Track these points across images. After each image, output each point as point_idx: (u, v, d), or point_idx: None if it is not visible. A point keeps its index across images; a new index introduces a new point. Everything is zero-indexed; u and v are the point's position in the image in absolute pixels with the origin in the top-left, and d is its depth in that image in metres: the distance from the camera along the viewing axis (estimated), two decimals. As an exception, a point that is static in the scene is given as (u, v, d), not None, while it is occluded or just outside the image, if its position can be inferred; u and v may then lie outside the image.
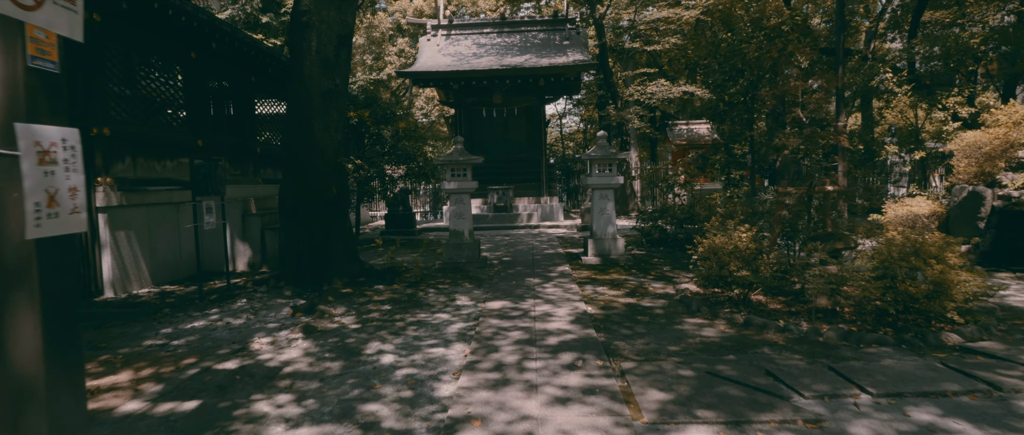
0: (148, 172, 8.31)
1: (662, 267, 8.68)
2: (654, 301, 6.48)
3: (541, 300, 6.52)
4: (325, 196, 7.17)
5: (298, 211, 7.26)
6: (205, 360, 4.77)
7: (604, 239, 9.16)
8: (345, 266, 7.64)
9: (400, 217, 15.05)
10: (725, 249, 5.95)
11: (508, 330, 5.30)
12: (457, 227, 9.23)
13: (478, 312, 6.08)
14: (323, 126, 6.79)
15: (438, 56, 18.39)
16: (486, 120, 18.72)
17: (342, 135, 7.13)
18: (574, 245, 11.75)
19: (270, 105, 12.50)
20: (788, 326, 5.09)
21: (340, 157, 7.28)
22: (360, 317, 6.03)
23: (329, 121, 6.81)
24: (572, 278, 7.81)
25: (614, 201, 9.27)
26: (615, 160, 9.14)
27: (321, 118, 6.76)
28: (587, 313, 5.88)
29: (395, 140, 11.87)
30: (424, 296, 6.94)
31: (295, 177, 7.13)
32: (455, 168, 9.13)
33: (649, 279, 7.76)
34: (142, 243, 7.95)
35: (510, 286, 7.37)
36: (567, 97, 32.42)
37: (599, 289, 7.15)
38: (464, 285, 7.57)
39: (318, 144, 6.85)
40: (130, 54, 8.08)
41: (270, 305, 6.70)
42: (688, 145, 17.87)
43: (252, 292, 7.37)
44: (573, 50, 17.80)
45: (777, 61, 7.14)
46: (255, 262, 9.55)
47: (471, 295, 6.96)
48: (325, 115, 6.77)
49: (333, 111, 6.82)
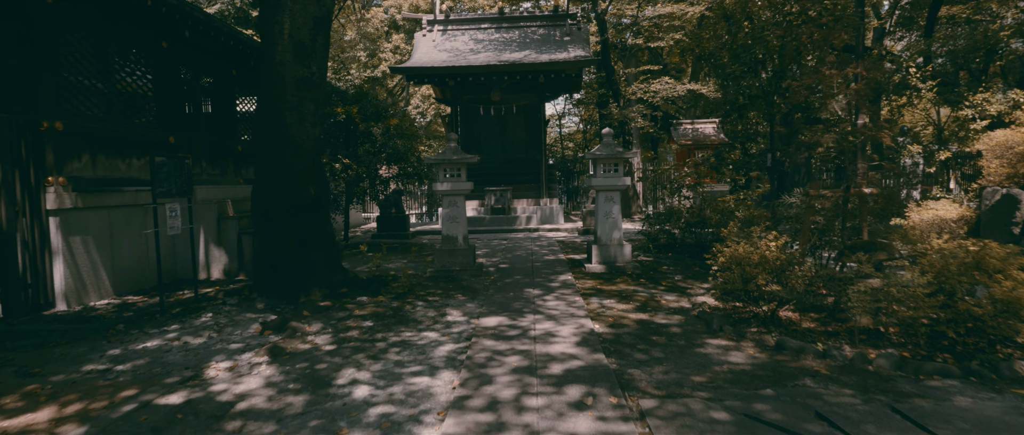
0: (110, 171, 7.58)
1: (673, 276, 7.98)
2: (669, 317, 5.77)
3: (542, 316, 5.81)
4: (302, 198, 6.46)
5: (272, 214, 6.55)
6: (148, 392, 4.06)
7: (609, 245, 8.46)
8: (326, 275, 6.92)
9: (393, 219, 14.33)
10: (750, 259, 5.25)
11: (504, 354, 4.58)
12: (450, 232, 8.52)
13: (471, 330, 5.37)
14: (298, 119, 6.08)
15: (434, 52, 17.69)
16: (483, 119, 18.01)
17: (320, 130, 6.42)
18: (576, 250, 11.05)
19: (253, 101, 11.78)
20: (829, 351, 4.38)
21: (319, 154, 6.56)
22: (337, 336, 5.32)
23: (304, 114, 6.10)
24: (575, 289, 7.11)
25: (620, 204, 8.57)
26: (621, 160, 8.44)
27: (295, 110, 6.05)
28: (594, 332, 5.17)
29: (386, 138, 11.15)
30: (411, 310, 6.22)
31: (268, 177, 6.41)
32: (449, 168, 8.42)
33: (660, 290, 7.06)
34: (102, 250, 7.22)
35: (507, 298, 6.66)
36: (568, 96, 31.73)
37: (606, 302, 6.44)
38: (457, 297, 6.86)
39: (293, 139, 6.13)
40: (89, 40, 7.35)
41: (237, 320, 5.97)
42: (693, 145, 17.17)
43: (221, 304, 6.65)
44: (574, 46, 17.10)
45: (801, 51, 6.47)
46: (231, 269, 8.83)
47: (464, 309, 6.25)
48: (300, 107, 6.06)
49: (309, 102, 6.10)
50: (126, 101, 8.04)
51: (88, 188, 7.05)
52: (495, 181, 16.95)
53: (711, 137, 17.60)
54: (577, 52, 16.54)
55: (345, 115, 10.66)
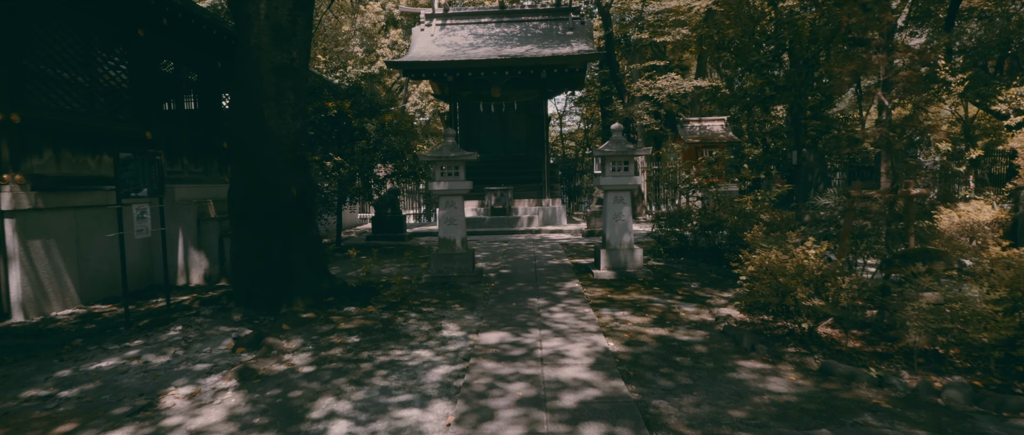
0: (77, 169, 6.97)
1: (689, 284, 7.37)
2: (691, 333, 5.16)
3: (549, 330, 5.19)
4: (283, 197, 5.84)
5: (250, 216, 5.93)
6: (89, 426, 3.45)
7: (619, 249, 7.85)
8: (311, 282, 6.30)
9: (388, 221, 13.71)
10: (784, 269, 4.64)
11: (507, 380, 3.97)
12: (448, 235, 7.91)
13: (469, 349, 4.76)
14: (277, 111, 5.46)
15: (432, 46, 17.06)
16: (483, 116, 17.39)
17: (302, 122, 5.80)
18: (581, 254, 10.44)
19: (241, 95, 11.17)
20: (886, 378, 3.77)
21: (301, 149, 5.94)
22: (317, 354, 4.70)
23: (284, 105, 5.48)
24: (584, 298, 6.49)
25: (630, 205, 7.96)
26: (632, 157, 7.82)
27: (274, 101, 5.43)
28: (609, 351, 4.56)
29: (380, 135, 10.54)
30: (403, 323, 5.61)
31: (245, 175, 5.80)
32: (446, 166, 7.81)
33: (677, 300, 6.44)
34: (67, 254, 6.61)
35: (509, 310, 6.05)
36: (570, 93, 31.13)
37: (619, 314, 5.83)
38: (454, 307, 6.25)
39: (271, 134, 5.52)
40: (54, 25, 6.73)
41: (209, 335, 5.36)
42: (701, 143, 16.57)
43: (194, 315, 6.03)
44: (577, 41, 16.48)
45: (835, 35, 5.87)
46: (212, 274, 8.21)
47: (461, 322, 5.64)
48: (279, 97, 5.44)
49: (289, 92, 5.49)
50: (97, 93, 7.42)
51: (51, 187, 6.44)
52: (495, 180, 16.34)
53: (719, 135, 17.00)
54: (580, 46, 15.92)
55: (337, 110, 10.05)
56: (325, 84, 11.35)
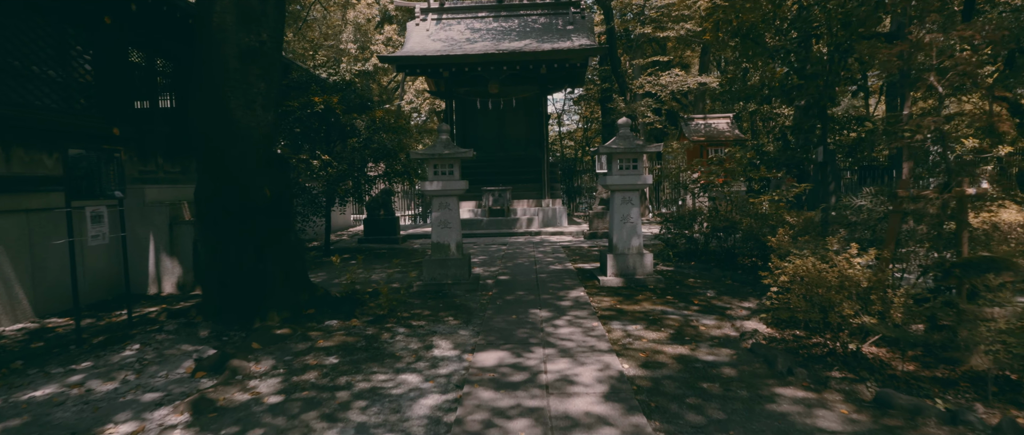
0: (31, 168, 6.34)
1: (704, 292, 6.76)
2: (715, 351, 4.55)
3: (554, 349, 4.58)
4: (254, 199, 5.21)
5: (218, 221, 5.31)
6: (-3, 480, 2.82)
7: (627, 254, 7.24)
8: (288, 294, 5.68)
9: (381, 222, 13.10)
10: (825, 280, 4.03)
11: (508, 415, 3.36)
12: (441, 239, 7.29)
13: (463, 373, 4.14)
14: (244, 102, 4.84)
15: (427, 41, 16.45)
16: (480, 113, 16.78)
17: (275, 115, 5.17)
18: (584, 257, 9.82)
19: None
20: (959, 414, 3.16)
21: (274, 145, 5.32)
22: (289, 380, 4.09)
23: (252, 94, 4.86)
24: (591, 310, 5.88)
25: (639, 206, 7.35)
26: (642, 154, 7.22)
27: (240, 90, 4.81)
28: (625, 376, 3.95)
29: (371, 132, 9.91)
30: (389, 340, 4.99)
31: (211, 174, 5.18)
32: (439, 164, 7.19)
33: (694, 311, 5.84)
34: (18, 262, 5.98)
35: (509, 323, 5.43)
36: (569, 90, 30.56)
37: (631, 329, 5.21)
38: (447, 320, 5.63)
39: (239, 127, 4.89)
40: (5, 11, 6.10)
41: (168, 355, 4.73)
42: (706, 141, 15.98)
43: (156, 331, 5.40)
44: (578, 35, 15.88)
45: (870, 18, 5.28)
46: (186, 282, 7.58)
47: (455, 338, 5.02)
48: (246, 86, 4.82)
49: (258, 80, 4.86)
50: (55, 85, 6.79)
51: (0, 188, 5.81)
52: (493, 180, 15.72)
53: (725, 133, 16.42)
54: (581, 41, 15.32)
55: (323, 105, 9.42)
56: (313, 78, 10.72)
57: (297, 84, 10.36)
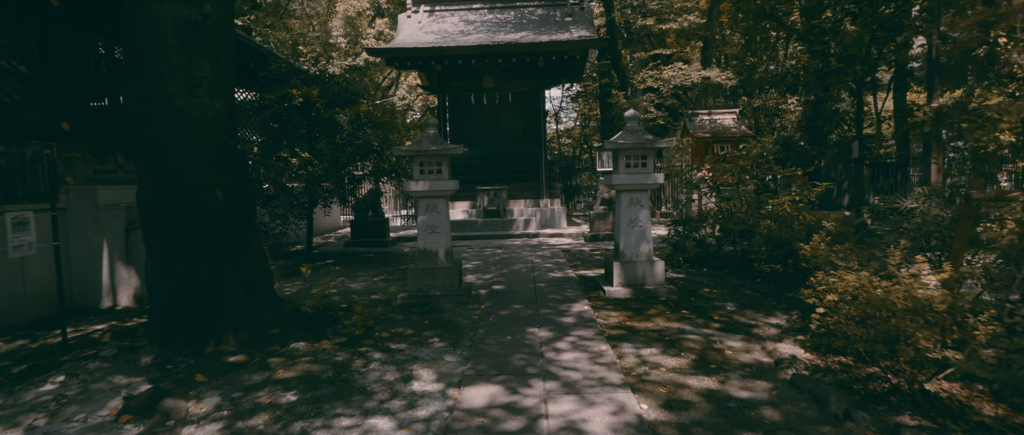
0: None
1: (722, 304, 6.02)
2: (749, 384, 3.80)
3: (556, 382, 3.83)
4: (205, 203, 4.45)
5: (163, 228, 4.55)
6: None
7: (635, 262, 6.49)
8: (249, 311, 4.92)
9: (369, 224, 12.33)
10: (889, 302, 3.29)
11: (499, 484, 2.61)
12: (429, 245, 6.54)
13: (446, 417, 3.39)
14: (186, 87, 4.07)
15: (419, 34, 15.67)
16: (475, 109, 16.02)
17: (227, 104, 4.39)
18: (586, 263, 9.08)
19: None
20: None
21: (229, 138, 4.54)
22: (232, 425, 3.33)
23: (196, 78, 4.09)
24: (598, 328, 5.14)
25: (648, 208, 6.61)
26: (652, 150, 6.48)
27: (181, 73, 4.04)
28: (645, 422, 3.21)
29: (354, 128, 9.15)
30: (362, 369, 4.23)
31: (151, 175, 4.41)
32: (426, 162, 6.44)
33: (716, 330, 5.09)
34: (-62, 275, 5.19)
35: (503, 346, 4.68)
36: (567, 86, 29.80)
37: (646, 353, 4.47)
38: (432, 342, 4.87)
39: (180, 117, 4.12)
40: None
41: (94, 391, 3.96)
42: (712, 138, 15.25)
43: (91, 357, 4.63)
44: (577, 27, 15.12)
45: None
46: (144, 294, 6.80)
47: (440, 366, 4.27)
48: (188, 68, 4.05)
49: (202, 61, 4.10)
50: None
51: (-86, 190, 5.02)
52: (488, 179, 14.97)
53: (731, 129, 15.70)
54: (581, 32, 14.57)
55: (303, 99, 8.64)
56: (294, 71, 9.93)
57: (276, 76, 9.59)
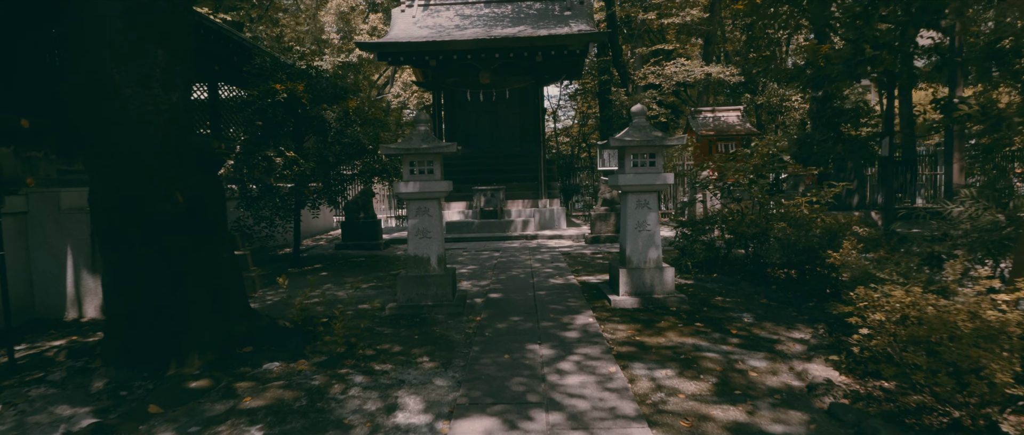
0: None
1: (738, 315, 5.55)
2: (782, 415, 3.32)
3: (561, 413, 3.35)
4: (164, 208, 3.95)
5: (118, 236, 4.05)
6: None
7: (643, 269, 6.01)
8: (217, 327, 4.43)
9: (361, 226, 11.83)
10: (952, 325, 2.82)
11: None
12: (419, 251, 6.04)
13: (433, 459, 2.90)
14: (136, 76, 3.57)
15: (413, 29, 15.16)
16: (471, 106, 15.52)
17: (184, 95, 3.89)
18: (588, 267, 8.60)
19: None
20: None
21: (188, 134, 4.04)
22: (181, 472, 2.83)
23: (148, 66, 3.59)
24: (605, 345, 4.65)
25: (657, 210, 6.12)
26: (661, 148, 6.00)
27: (130, 61, 3.54)
28: (667, 468, 2.72)
29: (342, 125, 8.65)
30: (340, 395, 3.74)
31: (101, 176, 3.92)
32: (416, 161, 5.95)
33: (734, 345, 4.62)
34: None
35: (501, 368, 4.19)
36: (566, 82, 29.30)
37: (660, 376, 3.99)
38: (421, 363, 4.38)
39: (131, 112, 3.62)
40: None
41: (30, 425, 3.46)
42: (716, 136, 14.80)
43: (37, 382, 4.13)
44: (576, 21, 14.64)
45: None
46: (111, 305, 6.29)
47: (428, 392, 3.78)
48: (138, 55, 3.56)
49: (154, 47, 3.60)
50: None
51: None
52: (485, 179, 14.48)
53: (736, 126, 15.24)
54: (581, 26, 14.08)
55: (287, 94, 8.14)
56: (280, 66, 9.41)
57: (260, 71, 9.07)
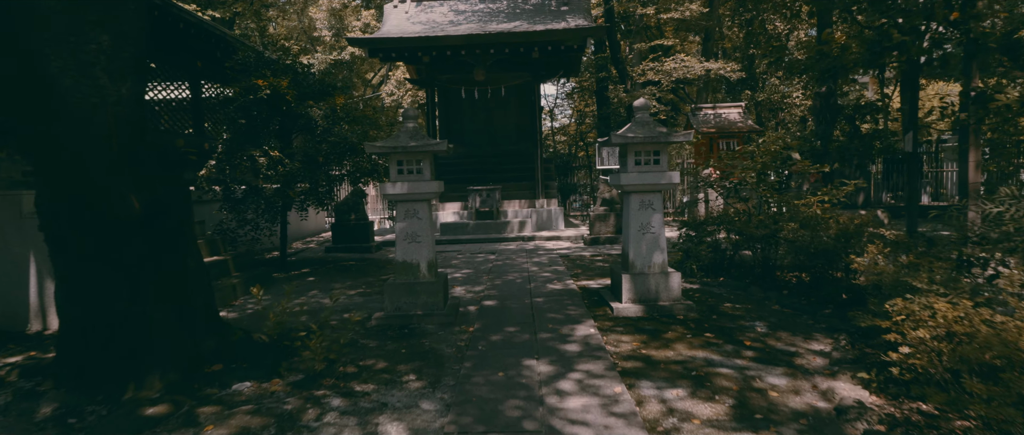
0: None
1: (751, 324, 5.17)
2: (812, 446, 2.94)
3: (562, 444, 2.96)
4: (117, 213, 3.55)
5: (69, 244, 3.65)
6: None
7: (648, 274, 5.62)
8: (183, 343, 4.03)
9: (352, 228, 11.43)
10: (1013, 346, 2.43)
11: None
12: (408, 256, 5.64)
13: (414, 505, 2.50)
14: (75, 63, 3.16)
15: (406, 24, 14.76)
16: (466, 104, 15.12)
17: (135, 87, 3.47)
18: (588, 271, 8.22)
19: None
20: None
21: (140, 130, 3.63)
22: (120, 523, 2.43)
23: (88, 52, 3.17)
24: (608, 360, 4.26)
25: (661, 212, 5.74)
26: (666, 145, 5.61)
27: (67, 46, 3.13)
28: (686, 516, 2.33)
29: (329, 123, 8.25)
30: (314, 423, 3.35)
31: (45, 178, 3.52)
32: (404, 161, 5.55)
33: (749, 359, 4.23)
34: None
35: (494, 388, 3.80)
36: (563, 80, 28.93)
37: (671, 396, 3.60)
38: (406, 382, 3.99)
39: (72, 106, 3.21)
40: None
41: (-42, 463, 3.06)
42: (718, 133, 14.45)
43: (-20, 407, 3.72)
44: (573, 16, 14.26)
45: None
46: (78, 316, 5.86)
47: (413, 417, 3.39)
48: (77, 39, 3.14)
49: (96, 30, 3.19)
50: None
51: None
52: (481, 179, 14.08)
53: (737, 123, 14.89)
54: (578, 21, 13.70)
55: (270, 90, 7.73)
56: (265, 61, 8.99)
57: (244, 67, 8.65)
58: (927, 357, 2.77)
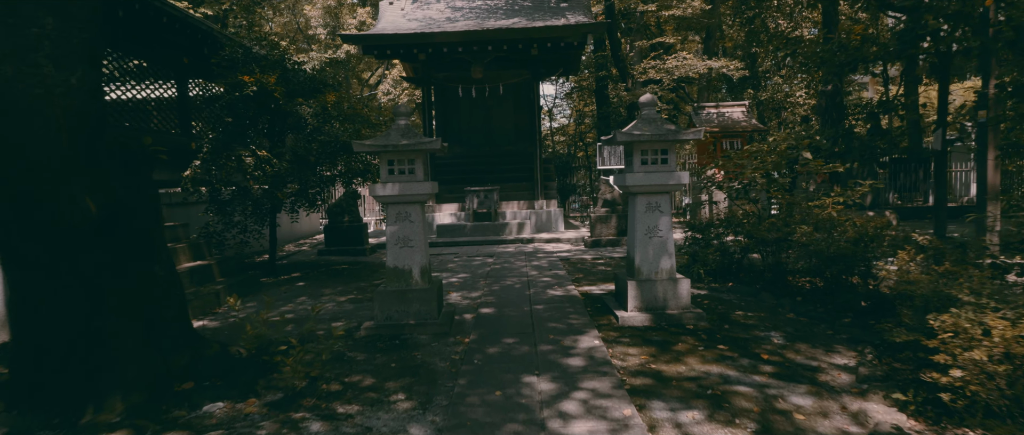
0: None
1: (766, 334, 4.83)
2: (850, 482, 2.59)
3: (566, 480, 2.61)
4: (71, 218, 3.20)
5: (20, 253, 3.29)
6: None
7: (655, 281, 5.28)
8: (150, 360, 3.68)
9: (345, 230, 11.09)
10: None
11: None
12: (400, 262, 5.30)
13: None
14: (14, 49, 2.81)
15: (402, 21, 14.41)
16: (463, 102, 14.77)
17: (90, 76, 3.12)
18: (590, 275, 7.88)
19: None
20: None
21: (100, 127, 3.28)
22: None
23: (30, 37, 2.82)
24: (615, 376, 3.92)
25: (670, 214, 5.39)
26: (675, 143, 5.27)
27: (3, 30, 2.78)
28: None
29: (320, 121, 7.90)
30: (290, 452, 3.00)
31: (-11, 179, 3.16)
32: (395, 160, 5.20)
33: (768, 374, 3.89)
34: None
35: (490, 409, 3.45)
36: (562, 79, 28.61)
37: (686, 420, 3.26)
38: (395, 402, 3.64)
39: (11, 96, 2.86)
40: None
41: None
42: (721, 133, 14.12)
43: (-79, 432, 3.36)
44: (573, 13, 13.92)
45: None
46: (47, 326, 5.50)
47: (401, 445, 3.04)
48: (17, 21, 2.80)
49: (41, 12, 2.83)
50: None
51: None
52: (478, 179, 13.74)
53: (741, 122, 14.56)
54: (577, 18, 13.36)
55: (257, 87, 7.38)
56: (253, 58, 8.64)
57: (231, 63, 8.30)
58: (985, 383, 2.44)
